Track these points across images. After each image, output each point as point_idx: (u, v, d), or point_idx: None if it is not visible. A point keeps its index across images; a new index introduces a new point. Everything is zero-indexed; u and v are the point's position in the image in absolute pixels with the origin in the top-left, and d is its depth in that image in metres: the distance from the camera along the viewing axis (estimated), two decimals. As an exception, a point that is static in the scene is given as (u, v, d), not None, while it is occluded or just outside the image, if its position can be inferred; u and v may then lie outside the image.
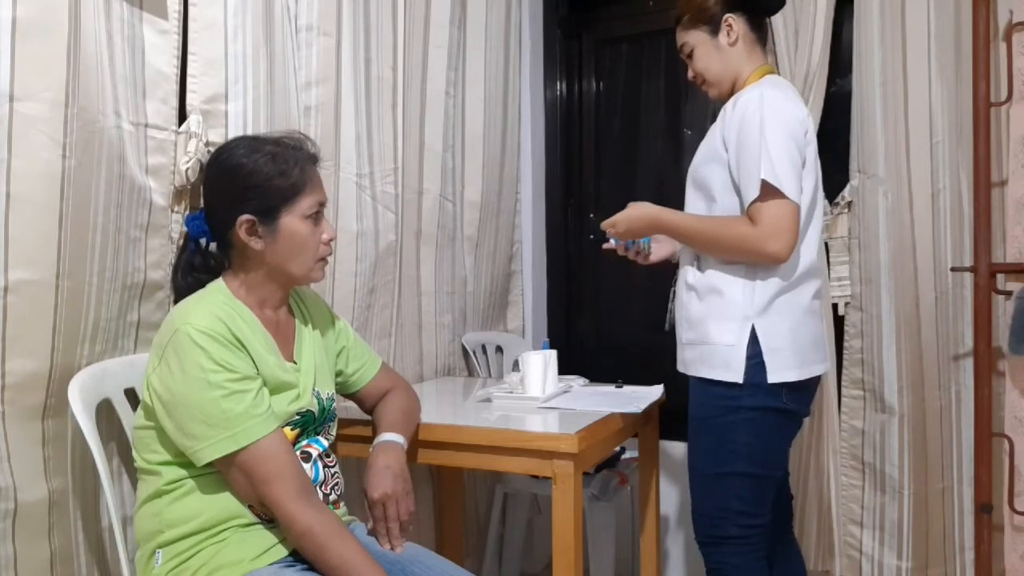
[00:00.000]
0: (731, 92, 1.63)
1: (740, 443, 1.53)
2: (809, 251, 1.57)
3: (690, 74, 1.69)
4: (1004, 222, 1.99)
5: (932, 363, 2.17)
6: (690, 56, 1.67)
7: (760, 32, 1.65)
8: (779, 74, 1.68)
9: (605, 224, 1.69)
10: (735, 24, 1.60)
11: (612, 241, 1.75)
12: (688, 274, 1.63)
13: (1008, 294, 1.94)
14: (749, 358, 1.50)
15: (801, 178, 1.49)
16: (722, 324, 1.54)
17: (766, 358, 1.50)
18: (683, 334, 1.64)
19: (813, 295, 1.58)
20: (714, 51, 1.63)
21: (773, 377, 1.50)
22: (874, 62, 2.19)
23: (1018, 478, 1.96)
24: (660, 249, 1.81)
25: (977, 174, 1.98)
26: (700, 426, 1.59)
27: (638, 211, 1.64)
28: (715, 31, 1.62)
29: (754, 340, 1.51)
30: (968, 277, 2.06)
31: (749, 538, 1.56)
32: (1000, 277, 2.00)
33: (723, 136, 1.56)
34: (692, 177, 1.66)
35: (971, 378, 2.07)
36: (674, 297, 1.72)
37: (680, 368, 1.67)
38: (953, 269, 2.10)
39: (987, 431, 1.98)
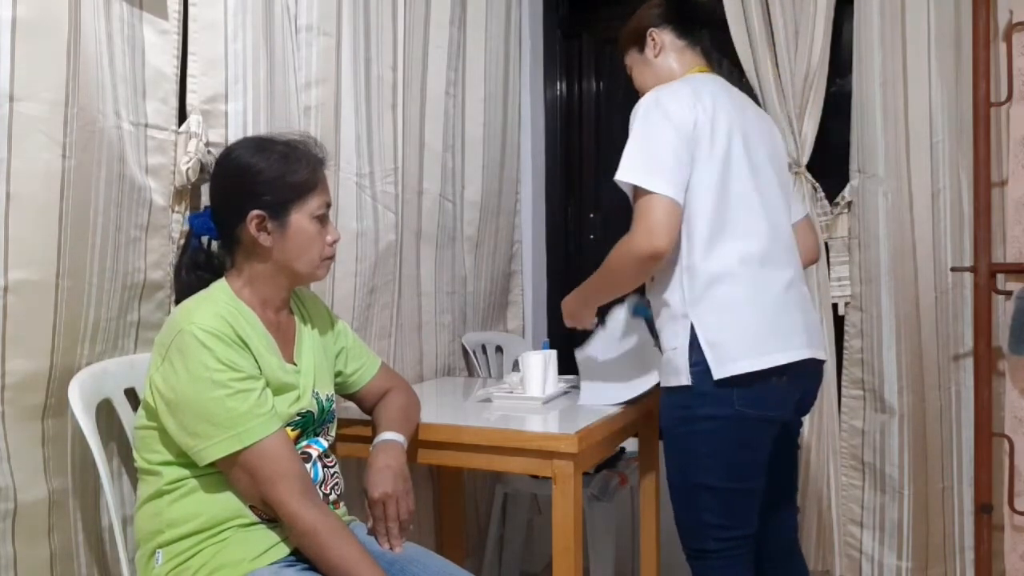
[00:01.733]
0: None
1: (700, 454, 1.50)
2: (738, 241, 1.49)
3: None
4: (1004, 222, 1.99)
5: (932, 363, 2.17)
6: (631, 77, 1.75)
7: (691, 38, 1.67)
8: (714, 73, 1.67)
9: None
10: (657, 36, 1.67)
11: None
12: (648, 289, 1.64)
13: (1008, 294, 1.94)
14: (692, 360, 1.46)
15: (673, 170, 1.45)
16: (668, 329, 1.53)
17: (706, 353, 1.45)
18: (658, 347, 1.62)
19: (765, 285, 1.51)
20: (644, 66, 1.70)
21: (719, 372, 1.44)
22: (874, 62, 2.19)
23: (1018, 478, 1.96)
24: None
25: (977, 174, 1.98)
26: (665, 437, 1.58)
27: (564, 303, 1.75)
28: (642, 48, 1.69)
29: (694, 337, 1.47)
30: (968, 277, 2.06)
31: (729, 551, 1.52)
32: (1000, 277, 2.00)
33: None
34: None
35: (971, 378, 2.07)
36: None
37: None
38: (953, 269, 2.10)
39: (987, 431, 1.98)
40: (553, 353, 1.89)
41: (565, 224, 3.01)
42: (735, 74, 2.31)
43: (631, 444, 2.18)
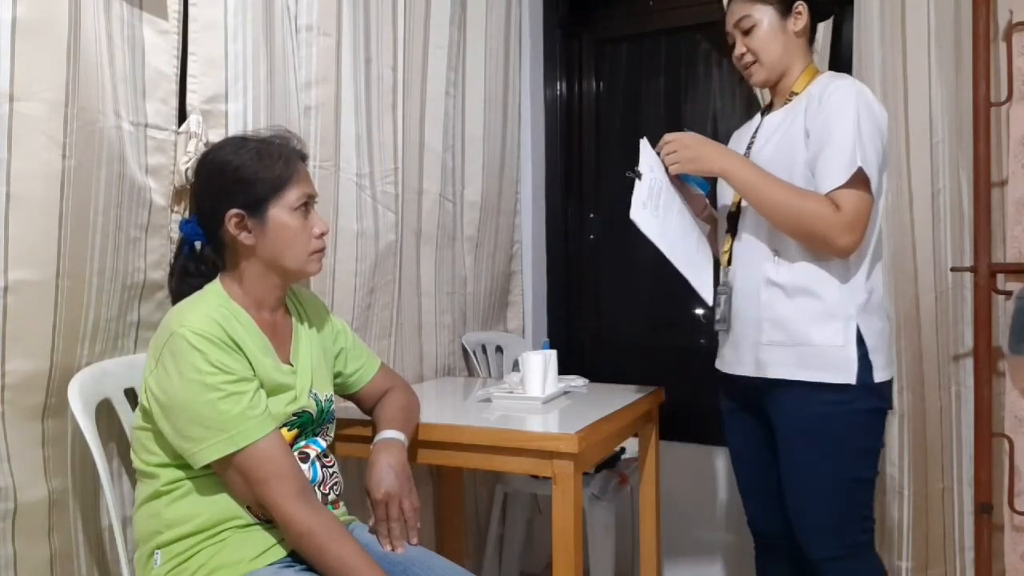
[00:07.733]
0: (777, 83, 1.61)
1: (859, 447, 1.50)
2: (878, 256, 1.57)
3: (738, 51, 1.59)
4: (1004, 222, 1.99)
5: (932, 363, 2.17)
6: (747, 32, 1.57)
7: (813, 32, 1.63)
8: None
9: (669, 136, 1.64)
10: (804, 14, 1.56)
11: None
12: (768, 270, 1.53)
13: (1008, 294, 1.94)
14: (859, 359, 1.47)
15: (881, 176, 1.48)
16: (825, 325, 1.47)
17: (872, 357, 1.48)
18: (763, 335, 1.53)
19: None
20: (778, 33, 1.55)
21: (879, 376, 1.49)
22: (874, 62, 2.19)
23: (1018, 478, 1.96)
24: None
25: (977, 174, 1.98)
26: (809, 434, 1.50)
27: (701, 144, 1.59)
28: (785, 13, 1.55)
29: (860, 340, 1.47)
30: (968, 277, 2.06)
31: (872, 541, 1.55)
32: (1000, 277, 1.99)
33: (806, 128, 1.50)
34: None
35: (971, 378, 2.06)
36: (723, 293, 1.63)
37: (749, 371, 1.58)
38: (953, 269, 2.10)
39: (987, 431, 1.98)
40: (553, 353, 1.89)
41: (565, 224, 3.01)
42: (736, 74, 2.30)
43: (631, 444, 2.18)
